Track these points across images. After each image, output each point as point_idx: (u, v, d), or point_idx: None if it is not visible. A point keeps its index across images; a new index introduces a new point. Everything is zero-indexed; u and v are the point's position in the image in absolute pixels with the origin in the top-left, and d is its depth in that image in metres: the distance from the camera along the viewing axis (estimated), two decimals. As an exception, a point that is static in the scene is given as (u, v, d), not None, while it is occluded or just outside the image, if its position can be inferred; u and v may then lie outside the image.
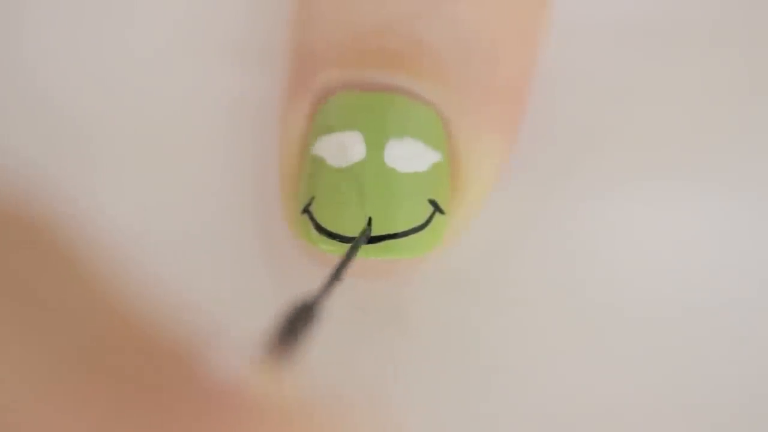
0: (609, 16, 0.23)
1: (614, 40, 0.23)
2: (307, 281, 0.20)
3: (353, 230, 0.18)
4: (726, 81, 0.23)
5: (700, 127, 0.22)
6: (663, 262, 0.21)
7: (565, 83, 0.22)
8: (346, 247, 0.18)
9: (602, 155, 0.22)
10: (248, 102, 0.21)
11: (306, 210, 0.19)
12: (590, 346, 0.20)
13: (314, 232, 0.19)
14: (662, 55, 0.23)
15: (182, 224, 0.21)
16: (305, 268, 0.20)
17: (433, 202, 0.19)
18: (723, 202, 0.21)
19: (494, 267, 0.21)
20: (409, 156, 0.18)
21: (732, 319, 0.20)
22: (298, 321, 0.15)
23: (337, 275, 0.18)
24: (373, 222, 0.18)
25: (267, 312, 0.20)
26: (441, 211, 0.19)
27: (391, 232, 0.18)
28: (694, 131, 0.22)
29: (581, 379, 0.20)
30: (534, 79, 0.21)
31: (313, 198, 0.19)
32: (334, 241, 0.18)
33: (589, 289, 0.20)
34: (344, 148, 0.18)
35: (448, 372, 0.20)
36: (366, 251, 0.18)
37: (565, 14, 0.22)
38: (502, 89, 0.20)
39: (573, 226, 0.21)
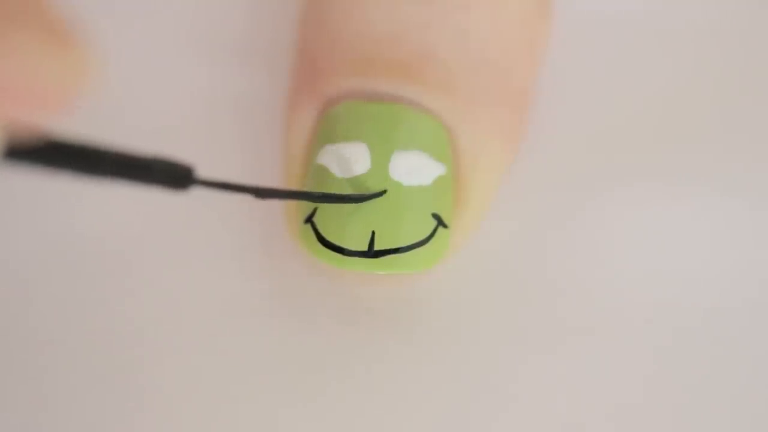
0: (610, 18, 0.23)
1: (615, 43, 0.23)
2: (305, 288, 0.20)
3: (356, 244, 0.18)
4: (728, 82, 0.22)
5: (703, 128, 0.22)
6: (667, 263, 0.21)
7: (565, 89, 0.22)
8: (348, 260, 0.18)
9: (603, 158, 0.22)
10: (252, 105, 0.21)
11: (309, 220, 0.19)
12: (593, 348, 0.20)
13: (316, 244, 0.18)
14: (664, 57, 0.23)
15: (181, 227, 0.21)
16: (304, 276, 0.20)
17: (436, 216, 0.19)
18: (726, 202, 0.21)
19: (498, 270, 0.21)
20: (414, 169, 0.18)
21: (734, 319, 0.20)
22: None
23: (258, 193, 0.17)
24: (377, 236, 0.18)
25: (264, 318, 0.20)
26: (444, 225, 0.19)
27: (395, 246, 0.18)
28: (697, 132, 0.22)
29: (584, 380, 0.20)
30: (536, 88, 0.21)
31: (316, 208, 0.19)
32: (336, 254, 0.18)
33: (593, 292, 0.20)
34: (349, 159, 0.18)
35: (452, 374, 0.20)
36: (369, 266, 0.18)
37: (567, 17, 0.22)
38: (508, 99, 0.20)
39: (576, 230, 0.21)
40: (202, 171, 0.22)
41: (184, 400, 0.20)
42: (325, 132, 0.19)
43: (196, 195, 0.21)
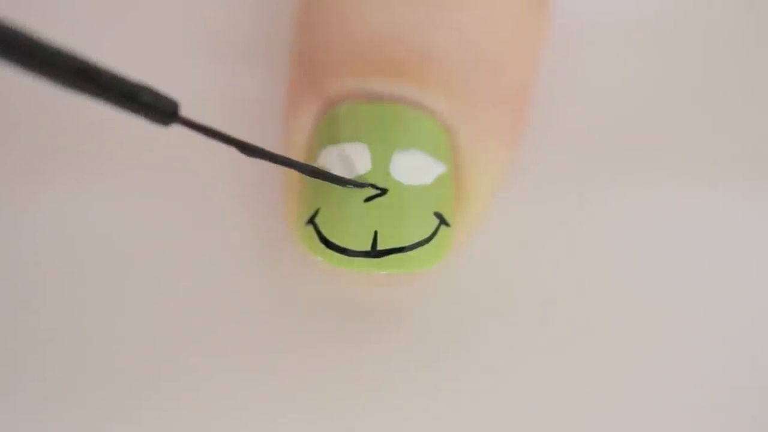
0: (610, 18, 0.23)
1: (614, 43, 0.23)
2: (305, 288, 0.21)
3: (360, 244, 0.18)
4: (728, 82, 0.23)
5: (703, 127, 0.22)
6: (667, 263, 0.21)
7: (565, 88, 0.22)
8: (351, 260, 0.18)
9: (604, 157, 0.22)
10: (252, 107, 0.21)
11: (311, 221, 0.19)
12: (593, 348, 0.20)
13: (319, 245, 0.18)
14: (663, 56, 0.23)
15: (181, 227, 0.21)
16: (304, 276, 0.20)
17: (438, 215, 0.19)
18: (726, 202, 0.21)
19: (496, 270, 0.21)
20: (414, 168, 0.18)
21: (735, 320, 0.20)
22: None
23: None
24: (379, 236, 0.18)
25: (264, 317, 0.20)
26: (446, 224, 0.19)
27: (398, 246, 0.18)
28: (697, 132, 0.22)
29: (584, 380, 0.20)
30: (535, 86, 0.21)
31: (318, 210, 0.19)
32: (339, 255, 0.18)
33: (593, 292, 0.21)
34: (350, 160, 0.18)
35: (452, 374, 0.20)
36: (373, 266, 0.18)
37: (565, 15, 0.22)
38: (506, 98, 0.20)
39: (577, 229, 0.21)
40: (201, 170, 0.22)
41: (183, 399, 0.20)
42: (326, 133, 0.19)
43: (196, 194, 0.21)
